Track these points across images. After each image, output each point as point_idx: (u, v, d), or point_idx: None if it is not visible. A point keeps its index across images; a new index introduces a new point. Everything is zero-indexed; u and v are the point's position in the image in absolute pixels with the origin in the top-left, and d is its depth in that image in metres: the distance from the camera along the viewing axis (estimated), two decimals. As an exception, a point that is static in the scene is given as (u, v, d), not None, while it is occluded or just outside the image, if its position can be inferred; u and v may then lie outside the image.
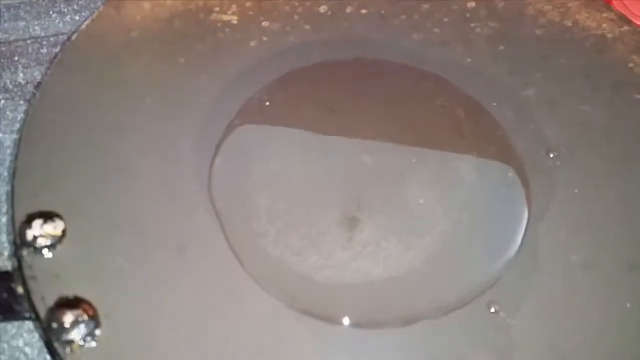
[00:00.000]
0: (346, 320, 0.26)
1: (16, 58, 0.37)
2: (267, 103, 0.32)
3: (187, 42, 0.34)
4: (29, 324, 0.27)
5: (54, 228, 0.26)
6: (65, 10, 0.38)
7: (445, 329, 0.25)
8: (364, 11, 0.35)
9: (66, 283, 0.25)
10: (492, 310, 0.26)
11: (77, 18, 0.38)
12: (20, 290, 0.25)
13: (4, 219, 0.29)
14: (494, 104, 0.32)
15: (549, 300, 0.26)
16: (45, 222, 0.26)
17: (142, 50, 0.33)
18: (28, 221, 0.26)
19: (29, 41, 0.37)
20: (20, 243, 0.26)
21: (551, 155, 0.30)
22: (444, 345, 0.25)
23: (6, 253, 0.28)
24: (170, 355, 0.24)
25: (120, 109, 0.30)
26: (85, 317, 0.24)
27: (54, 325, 0.24)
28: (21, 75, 0.36)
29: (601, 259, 0.27)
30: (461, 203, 0.29)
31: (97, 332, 0.24)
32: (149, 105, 0.31)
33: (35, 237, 0.26)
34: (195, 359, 0.24)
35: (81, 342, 0.24)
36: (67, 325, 0.24)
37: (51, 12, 0.38)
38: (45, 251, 0.26)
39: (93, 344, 0.24)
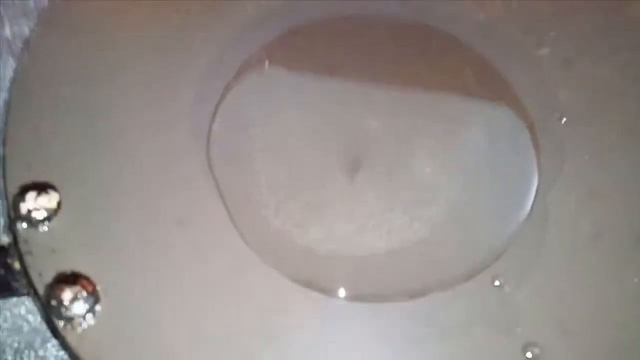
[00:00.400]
0: (349, 294, 0.25)
1: (1, 9, 0.35)
2: (267, 63, 0.30)
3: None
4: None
5: (49, 200, 0.25)
6: (52, -42, 0.36)
7: (450, 303, 0.25)
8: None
9: (63, 258, 0.25)
10: (497, 283, 0.26)
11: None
12: (17, 266, 0.25)
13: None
14: (505, 63, 0.31)
15: (556, 273, 0.26)
16: (39, 194, 0.25)
17: (135, 6, 0.31)
18: (21, 193, 0.25)
19: (14, -8, 0.35)
20: (14, 217, 0.25)
21: (563, 120, 0.29)
22: (448, 319, 0.25)
23: (1, 224, 0.28)
24: (171, 329, 0.24)
25: (112, 71, 0.29)
26: (84, 293, 0.24)
27: (53, 302, 0.24)
28: (8, 29, 0.35)
29: (611, 230, 0.27)
30: (468, 169, 0.28)
31: (97, 308, 0.24)
32: (142, 66, 0.29)
33: (29, 211, 0.25)
34: (196, 334, 0.24)
35: (81, 319, 0.23)
36: (66, 302, 0.24)
37: (37, -40, 0.36)
38: (40, 225, 0.25)
39: (93, 320, 0.24)
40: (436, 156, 0.28)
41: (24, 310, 0.27)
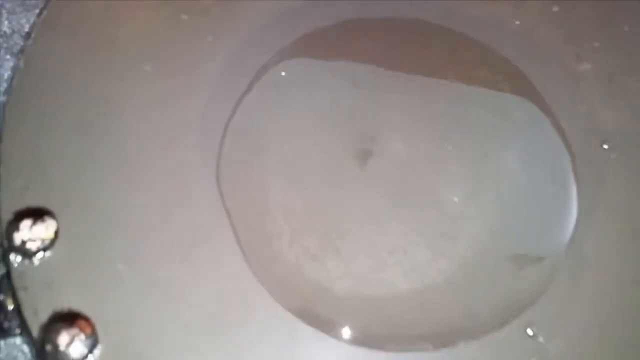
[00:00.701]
0: (367, 340, 0.23)
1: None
2: (283, 73, 0.28)
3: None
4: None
5: (46, 229, 0.24)
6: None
7: (479, 354, 0.23)
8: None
9: (60, 294, 0.23)
10: (530, 332, 0.24)
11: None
12: (9, 303, 0.23)
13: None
14: (542, 78, 0.28)
15: (594, 323, 0.24)
16: (35, 222, 0.23)
17: (139, 5, 0.29)
18: (16, 220, 0.23)
19: (12, -17, 0.33)
20: (7, 248, 0.23)
21: (605, 147, 0.27)
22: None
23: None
24: (177, 372, 0.23)
25: (115, 83, 0.27)
26: (83, 336, 0.22)
27: (49, 347, 0.22)
28: (6, 23, 0.32)
29: (654, 274, 0.25)
30: (499, 200, 0.26)
31: (96, 351, 0.22)
32: (146, 78, 0.27)
33: (24, 242, 0.23)
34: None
35: (79, 364, 0.22)
36: (62, 347, 0.22)
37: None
38: (36, 257, 0.23)
39: (92, 365, 0.22)
40: (465, 184, 0.26)
41: (19, 340, 0.25)
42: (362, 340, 0.23)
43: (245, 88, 0.27)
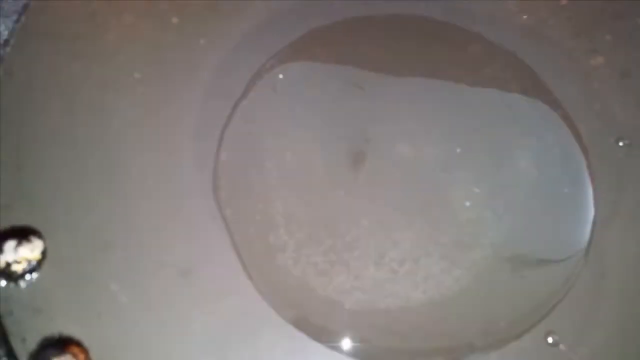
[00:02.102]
0: (380, 355, 0.22)
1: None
2: (281, 76, 0.26)
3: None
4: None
5: (32, 250, 0.22)
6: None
7: (497, 367, 0.22)
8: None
9: (50, 319, 0.21)
10: (551, 341, 0.22)
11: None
12: (-5, 330, 0.21)
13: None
14: (553, 75, 0.27)
15: (617, 328, 0.23)
16: (20, 242, 0.22)
17: (126, 9, 0.27)
18: (-1, 241, 0.22)
19: (-10, -12, 0.31)
20: (-9, 271, 0.21)
21: (621, 144, 0.26)
22: (495, 384, 0.22)
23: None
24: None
25: (103, 88, 0.25)
26: (76, 363, 0.21)
27: (39, 377, 0.20)
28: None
29: (679, 276, 0.23)
30: (513, 206, 0.25)
31: (91, 379, 0.21)
32: (136, 85, 0.25)
33: (8, 264, 0.22)
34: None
35: (72, 394, 0.20)
36: (54, 377, 0.20)
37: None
38: (22, 280, 0.22)
39: (86, 394, 0.20)
40: (476, 188, 0.25)
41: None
42: (374, 355, 0.22)
43: (241, 93, 0.26)
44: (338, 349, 0.22)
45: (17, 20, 0.29)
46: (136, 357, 0.21)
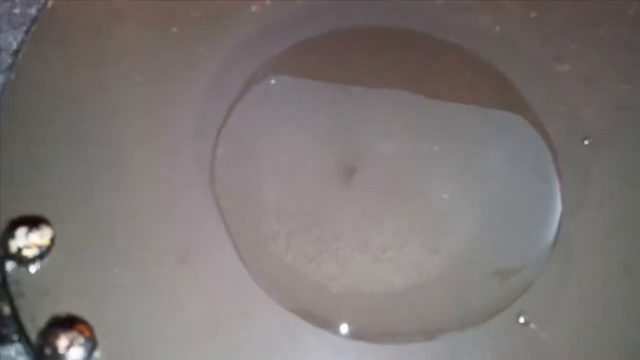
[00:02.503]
0: (365, 334, 0.24)
1: (-14, 21, 0.33)
2: (273, 81, 0.29)
3: (180, 7, 0.30)
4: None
5: (41, 236, 0.24)
6: (40, -35, 0.34)
7: (473, 343, 0.23)
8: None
9: (58, 300, 0.23)
10: (522, 320, 0.24)
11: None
12: (7, 310, 0.23)
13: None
14: (524, 80, 0.29)
15: (584, 309, 0.24)
16: (30, 229, 0.24)
17: (129, 18, 0.29)
18: (11, 229, 0.24)
19: (-1, 0, 0.33)
20: (3, 255, 0.23)
21: (586, 142, 0.28)
22: (471, 360, 0.23)
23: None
24: (176, 375, 0.23)
25: (107, 92, 0.27)
26: (81, 339, 0.22)
27: (47, 350, 0.22)
28: (-7, 41, 0.33)
29: (640, 262, 0.25)
30: (487, 199, 0.27)
31: (96, 354, 0.22)
32: (138, 86, 0.27)
33: (20, 249, 0.23)
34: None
35: (78, 368, 0.22)
36: (61, 350, 0.22)
37: (23, -32, 0.34)
38: (32, 264, 0.23)
39: (91, 368, 0.22)
40: (453, 183, 0.27)
41: (13, 352, 0.25)
42: (359, 335, 0.24)
43: (236, 96, 0.28)
44: (326, 328, 0.24)
45: (27, 32, 0.31)
46: (137, 335, 0.23)
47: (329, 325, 0.24)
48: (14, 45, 0.32)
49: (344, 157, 0.27)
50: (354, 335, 0.24)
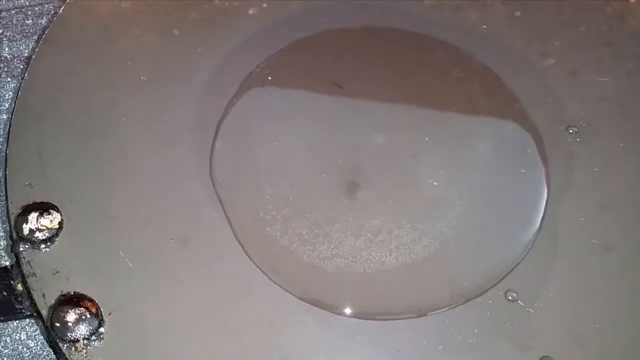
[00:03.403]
0: (358, 311, 0.25)
1: (0, 30, 0.35)
2: (270, 78, 0.30)
3: (180, 11, 0.31)
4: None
5: (51, 221, 0.25)
6: (51, -23, 0.36)
7: (462, 319, 0.24)
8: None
9: (67, 279, 0.24)
10: (510, 298, 0.25)
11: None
12: (20, 287, 0.24)
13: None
14: (511, 75, 0.30)
15: (568, 286, 0.25)
16: (41, 215, 0.25)
17: (134, 22, 0.31)
18: (23, 214, 0.25)
19: (13, 11, 0.35)
20: (17, 238, 0.25)
21: (570, 131, 0.29)
22: (461, 335, 0.24)
23: (2, 243, 0.27)
24: (177, 350, 0.24)
25: (113, 89, 0.29)
26: (88, 315, 0.23)
27: (57, 324, 0.23)
28: (7, 49, 0.34)
29: (622, 242, 0.26)
30: (477, 184, 0.28)
31: (102, 329, 0.23)
32: (143, 85, 0.29)
33: (32, 231, 0.25)
34: (202, 354, 0.24)
35: (85, 341, 0.23)
36: (70, 324, 0.23)
37: (36, -20, 0.36)
38: (43, 246, 0.25)
39: (97, 342, 0.23)
40: (444, 171, 0.28)
41: (24, 335, 0.26)
42: (354, 312, 0.25)
43: (235, 92, 0.30)
44: (321, 306, 0.25)
45: (38, 40, 0.33)
46: (140, 312, 0.24)
47: (324, 302, 0.25)
48: (26, 53, 0.34)
49: (337, 148, 0.29)
50: (347, 312, 0.25)
